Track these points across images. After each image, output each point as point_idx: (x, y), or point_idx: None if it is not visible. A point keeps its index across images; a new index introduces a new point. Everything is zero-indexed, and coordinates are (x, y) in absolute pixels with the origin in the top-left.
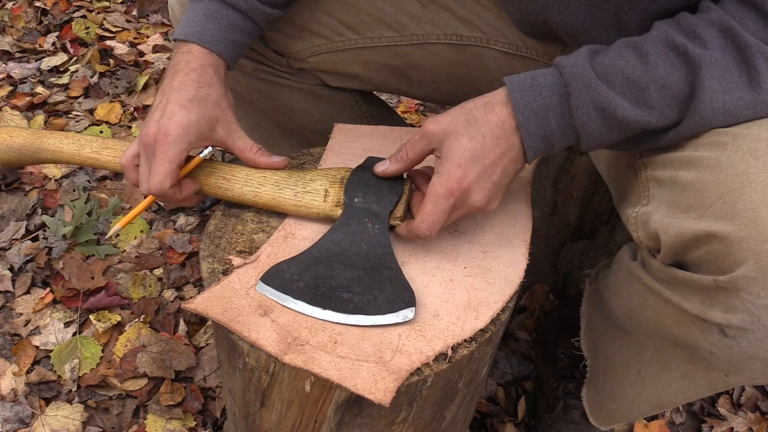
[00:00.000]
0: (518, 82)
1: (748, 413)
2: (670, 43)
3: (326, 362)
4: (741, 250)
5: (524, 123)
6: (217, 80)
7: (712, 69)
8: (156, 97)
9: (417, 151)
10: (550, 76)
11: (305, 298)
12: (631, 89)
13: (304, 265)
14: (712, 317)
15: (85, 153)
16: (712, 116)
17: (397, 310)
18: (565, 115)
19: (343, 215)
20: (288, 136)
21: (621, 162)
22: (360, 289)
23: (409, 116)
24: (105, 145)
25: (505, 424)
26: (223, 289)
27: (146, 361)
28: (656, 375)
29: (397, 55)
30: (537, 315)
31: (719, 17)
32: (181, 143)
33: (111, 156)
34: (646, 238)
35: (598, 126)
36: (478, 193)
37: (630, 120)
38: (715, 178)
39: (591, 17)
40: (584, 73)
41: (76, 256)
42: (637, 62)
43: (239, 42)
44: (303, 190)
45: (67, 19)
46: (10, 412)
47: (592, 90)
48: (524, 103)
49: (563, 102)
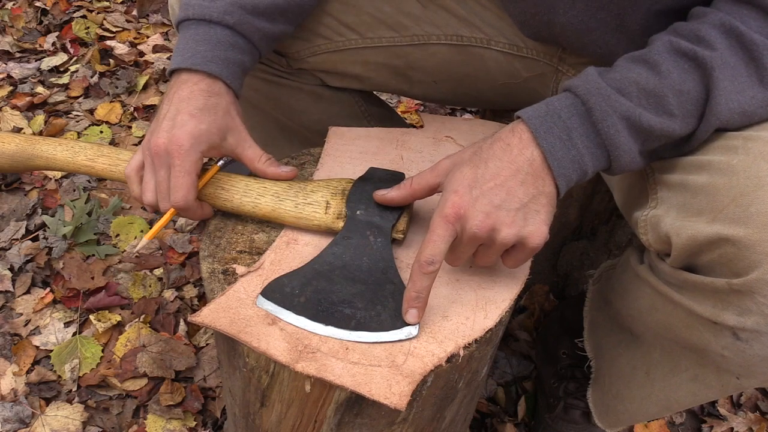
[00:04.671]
0: (533, 111)
1: (748, 413)
2: (677, 50)
3: (339, 369)
4: (755, 254)
5: (549, 149)
6: (225, 90)
7: (724, 70)
8: (161, 106)
9: (423, 184)
10: (563, 99)
11: (306, 313)
12: (649, 99)
13: (305, 279)
14: (724, 320)
15: (79, 160)
16: (728, 117)
17: (401, 327)
18: (591, 134)
19: (344, 228)
20: (288, 135)
21: None
22: (362, 305)
23: (409, 116)
24: (100, 152)
25: (505, 424)
26: (228, 300)
27: (146, 361)
28: (665, 377)
29: (397, 56)
30: (537, 315)
31: (720, 18)
32: (195, 153)
33: (106, 164)
34: (655, 241)
35: (626, 137)
36: (476, 216)
37: (655, 128)
38: (727, 181)
39: (595, 19)
40: (599, 86)
41: (76, 256)
42: (648, 73)
43: (232, 59)
44: (304, 201)
45: (67, 19)
46: (10, 412)
47: (612, 101)
48: (545, 128)
49: (585, 121)
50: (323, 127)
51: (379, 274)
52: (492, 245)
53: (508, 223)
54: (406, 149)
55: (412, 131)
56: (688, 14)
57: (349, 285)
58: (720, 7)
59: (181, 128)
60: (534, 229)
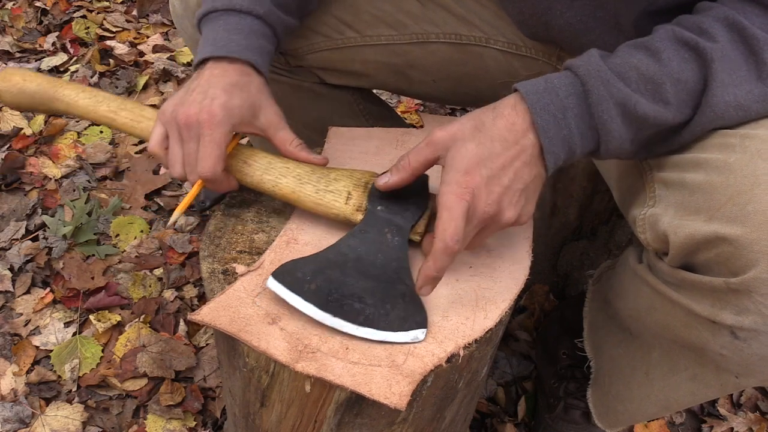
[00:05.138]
0: (531, 86)
1: (748, 413)
2: (679, 39)
3: (339, 369)
4: (752, 253)
5: (543, 126)
6: (257, 74)
7: (723, 62)
8: (189, 84)
9: (421, 160)
10: (563, 77)
11: (315, 301)
12: (647, 86)
13: (318, 266)
14: (722, 319)
15: (101, 110)
16: (724, 110)
17: (408, 330)
18: (584, 116)
19: (363, 221)
20: None
21: (625, 162)
22: (372, 301)
23: (409, 116)
24: (123, 106)
25: (505, 424)
26: (228, 299)
27: (146, 361)
28: (664, 376)
29: (397, 54)
30: (537, 315)
31: (723, 13)
32: (226, 125)
33: (128, 119)
34: (653, 240)
35: (619, 125)
36: (488, 197)
37: (650, 116)
38: (724, 180)
39: (593, 18)
40: (600, 69)
41: (76, 256)
42: (650, 59)
43: (264, 48)
44: (325, 188)
45: (67, 19)
46: (10, 412)
47: (610, 86)
48: (541, 105)
49: (581, 102)
50: (322, 125)
51: (392, 273)
52: (493, 225)
53: (513, 204)
54: (406, 149)
55: (412, 131)
56: (694, 8)
57: (361, 279)
58: (725, 2)
59: (213, 100)
60: (529, 209)
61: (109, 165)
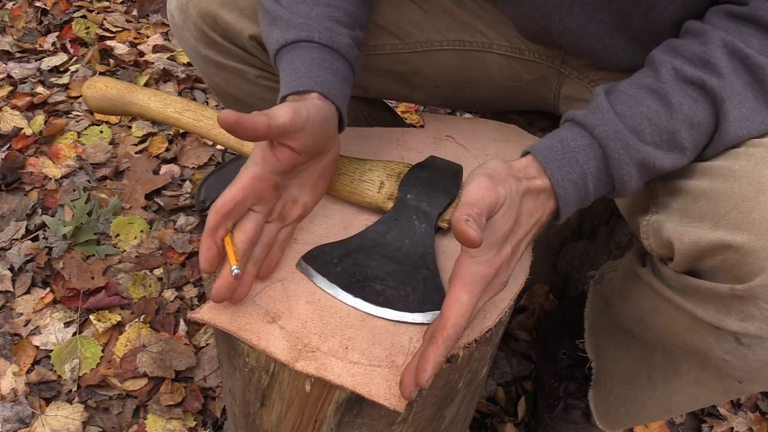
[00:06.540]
0: (548, 151)
1: (748, 413)
2: (684, 78)
3: (339, 369)
4: (758, 260)
5: (564, 196)
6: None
7: (733, 99)
8: None
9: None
10: (579, 138)
11: (340, 283)
12: (662, 136)
13: (347, 251)
14: (727, 325)
15: (168, 112)
16: (736, 142)
17: (426, 311)
18: (603, 177)
19: (393, 209)
20: None
21: None
22: (394, 284)
23: (409, 116)
24: (187, 107)
25: (505, 424)
26: None
27: (146, 361)
28: (667, 379)
29: (400, 62)
30: (537, 315)
31: (722, 39)
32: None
33: (191, 119)
34: (658, 246)
35: (636, 180)
36: (504, 275)
37: (667, 168)
38: (728, 187)
39: (593, 22)
40: (618, 130)
41: (76, 256)
42: (660, 106)
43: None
44: (360, 178)
45: (67, 19)
46: (10, 412)
47: (630, 148)
48: (562, 175)
49: (600, 165)
50: None
51: (417, 258)
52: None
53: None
54: (406, 149)
55: (413, 131)
56: (683, 28)
57: (386, 263)
58: (718, 24)
59: None
60: None
61: (109, 165)
